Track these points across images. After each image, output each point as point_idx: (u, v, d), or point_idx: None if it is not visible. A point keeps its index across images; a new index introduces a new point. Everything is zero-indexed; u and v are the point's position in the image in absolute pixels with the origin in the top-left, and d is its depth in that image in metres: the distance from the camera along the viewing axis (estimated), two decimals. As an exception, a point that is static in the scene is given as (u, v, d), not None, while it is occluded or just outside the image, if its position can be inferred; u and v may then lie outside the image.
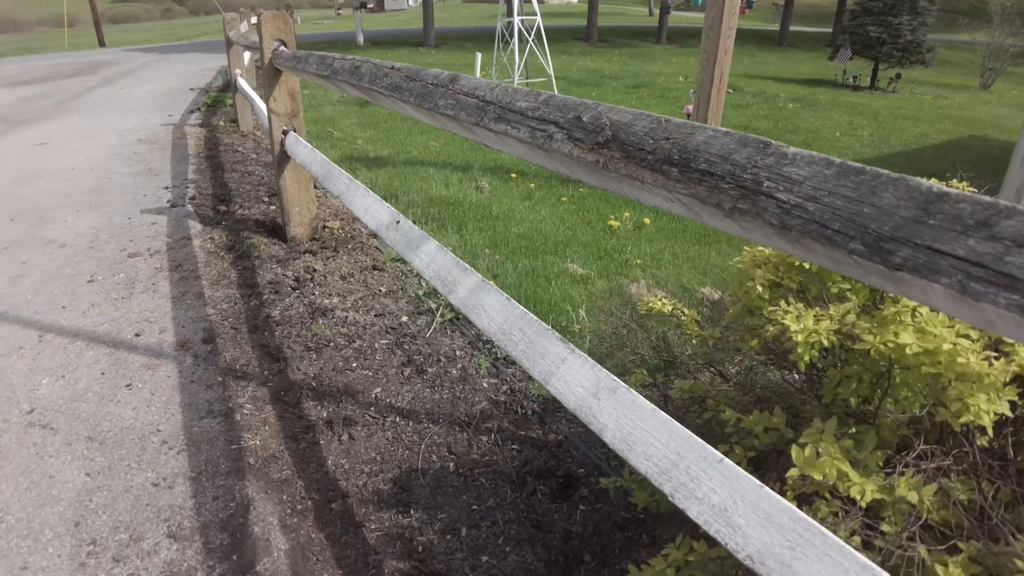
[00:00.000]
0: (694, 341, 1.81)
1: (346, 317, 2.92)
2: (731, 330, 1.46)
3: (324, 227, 4.04)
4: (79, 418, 2.22)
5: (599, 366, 1.23)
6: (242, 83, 6.76)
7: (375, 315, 2.97)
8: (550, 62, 8.26)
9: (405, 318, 2.96)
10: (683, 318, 1.83)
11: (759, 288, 1.31)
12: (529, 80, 8.53)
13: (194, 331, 2.78)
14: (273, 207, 4.49)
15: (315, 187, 4.04)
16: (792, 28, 25.24)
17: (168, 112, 8.30)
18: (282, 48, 3.53)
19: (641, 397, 1.14)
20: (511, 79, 8.29)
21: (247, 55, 7.90)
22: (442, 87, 1.57)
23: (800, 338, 1.16)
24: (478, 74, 11.78)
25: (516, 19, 7.81)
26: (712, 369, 1.74)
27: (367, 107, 8.37)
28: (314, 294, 3.14)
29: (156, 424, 2.19)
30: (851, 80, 14.83)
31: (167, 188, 4.87)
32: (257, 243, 3.73)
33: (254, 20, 12.41)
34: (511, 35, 8.24)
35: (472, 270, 1.65)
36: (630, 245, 3.94)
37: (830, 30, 26.22)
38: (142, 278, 3.30)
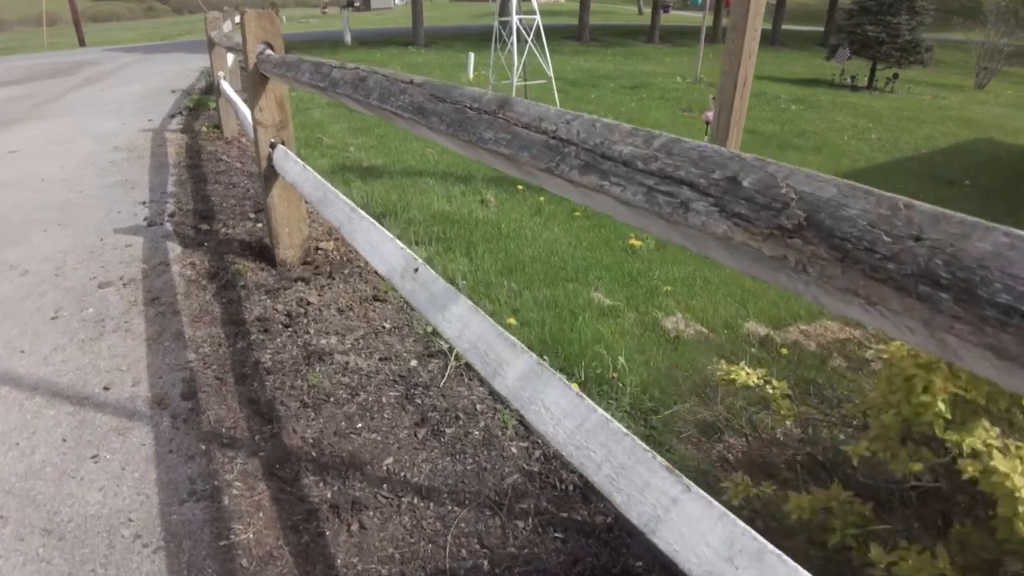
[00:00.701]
0: (788, 423, 1.48)
1: (347, 363, 2.56)
2: (877, 441, 1.12)
3: (317, 248, 3.67)
4: (34, 503, 1.85)
5: (728, 514, 0.88)
6: (226, 87, 6.36)
7: (380, 359, 2.61)
8: (550, 63, 7.91)
9: (414, 362, 2.60)
10: (772, 392, 1.48)
11: (940, 405, 0.96)
12: (528, 82, 8.18)
13: (172, 382, 2.41)
14: (260, 225, 4.11)
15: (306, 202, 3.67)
16: (782, 27, 25.06)
17: (148, 116, 7.87)
18: (268, 52, 3.16)
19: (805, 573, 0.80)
20: (509, 81, 7.94)
21: (231, 57, 7.49)
22: (487, 114, 1.21)
23: (1019, 485, 0.82)
24: (471, 75, 11.42)
25: (514, 18, 7.45)
26: (821, 462, 1.40)
27: (358, 111, 7.98)
28: (309, 332, 2.77)
29: (127, 511, 1.82)
30: (849, 80, 14.61)
31: (144, 203, 4.47)
32: (243, 269, 3.35)
33: (238, 19, 11.99)
34: (508, 35, 7.88)
35: (523, 348, 1.30)
36: (656, 268, 3.60)
37: (821, 29, 26.10)
38: (114, 314, 2.91)
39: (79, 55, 17.20)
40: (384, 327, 2.86)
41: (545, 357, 2.64)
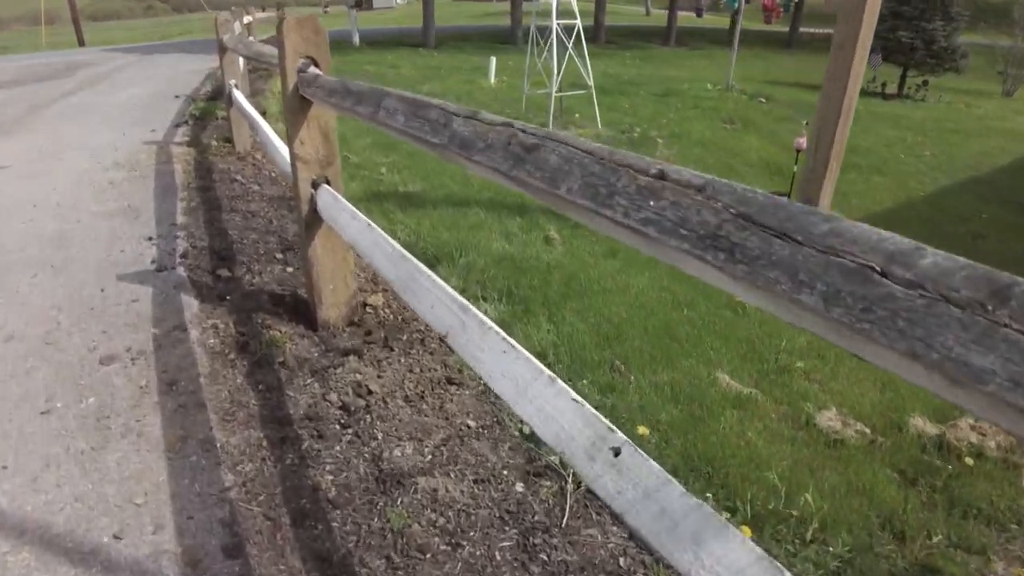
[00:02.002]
0: None
1: (434, 490, 1.93)
2: None
3: (364, 305, 3.04)
4: None
5: None
6: (239, 97, 5.72)
7: (474, 480, 1.99)
8: (590, 72, 7.29)
9: (520, 486, 1.98)
10: None
11: None
12: (565, 92, 7.55)
13: (208, 526, 1.78)
14: (291, 270, 3.48)
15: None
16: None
17: (151, 125, 7.22)
18: (313, 69, 2.54)
19: None
20: (546, 90, 7.32)
21: (242, 62, 6.83)
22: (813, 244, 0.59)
23: None
24: (492, 81, 10.78)
25: (555, 23, 6.83)
26: None
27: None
28: (376, 438, 2.15)
29: None
30: (880, 87, 14.05)
31: (151, 239, 3.83)
32: (279, 337, 2.72)
33: (247, 19, 11.27)
34: (543, 40, 7.27)
35: None
36: (772, 332, 2.99)
37: (815, 29, 25.46)
38: (121, 406, 2.28)
39: (75, 55, 16.49)
40: (468, 427, 2.24)
41: (693, 481, 2.02)
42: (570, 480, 1.97)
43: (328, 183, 2.69)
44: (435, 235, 3.82)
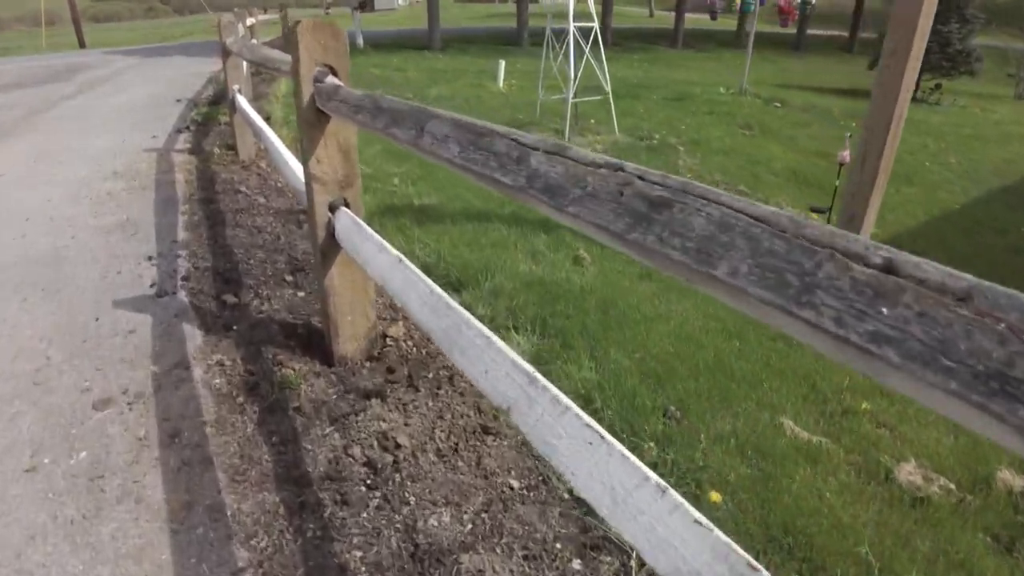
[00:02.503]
0: None
1: (480, 571, 1.67)
2: None
3: (384, 336, 2.78)
4: None
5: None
6: (243, 103, 5.46)
7: (524, 556, 1.73)
8: (608, 77, 7.03)
9: (577, 563, 1.71)
10: None
11: None
12: (581, 99, 7.29)
13: (215, 623, 1.51)
14: (302, 294, 3.22)
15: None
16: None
17: (151, 131, 6.96)
18: (331, 79, 2.27)
19: None
20: (561, 95, 7.06)
21: (245, 66, 6.56)
22: None
23: None
24: (501, 84, 10.52)
25: (571, 26, 6.57)
26: None
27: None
28: (408, 503, 1.88)
29: None
30: (893, 91, 13.78)
31: (151, 259, 3.57)
32: (292, 376, 2.46)
33: (250, 21, 10.98)
34: (559, 43, 7.00)
35: None
36: (833, 367, 2.73)
37: (844, 33, 25.24)
38: (117, 462, 2.02)
39: (75, 58, 16.23)
40: (511, 488, 1.98)
41: (773, 555, 1.76)
42: (634, 558, 1.71)
43: (347, 205, 2.43)
44: (456, 254, 3.55)
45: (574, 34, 6.61)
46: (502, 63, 10.34)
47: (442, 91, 9.97)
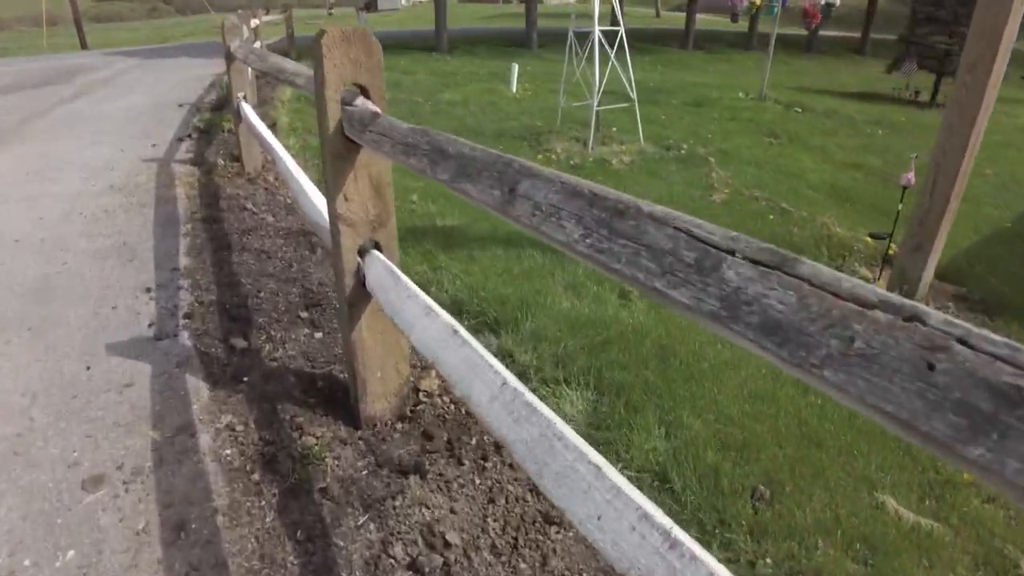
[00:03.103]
0: None
1: None
2: None
3: (417, 391, 2.43)
4: None
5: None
6: (248, 112, 5.09)
7: None
8: (633, 84, 6.67)
9: None
10: None
11: None
12: (606, 107, 6.92)
13: None
14: (320, 335, 2.87)
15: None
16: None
17: (151, 139, 6.61)
18: (364, 102, 1.92)
19: None
20: (585, 102, 6.69)
21: (249, 71, 6.17)
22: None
23: None
24: (515, 89, 10.16)
25: (596, 31, 6.21)
26: None
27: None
28: (464, 628, 1.53)
29: None
30: (914, 95, 13.40)
31: (149, 291, 3.22)
32: (315, 446, 2.10)
33: (254, 23, 10.61)
34: (580, 48, 6.65)
35: None
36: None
37: (855, 34, 24.83)
38: (109, 567, 1.66)
39: (76, 59, 15.86)
40: (587, 604, 1.62)
41: None
42: None
43: (379, 249, 2.08)
44: (489, 288, 3.20)
45: (599, 39, 6.24)
46: (515, 67, 9.97)
47: (454, 96, 9.60)
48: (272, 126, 6.87)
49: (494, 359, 1.37)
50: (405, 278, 1.85)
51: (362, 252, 2.06)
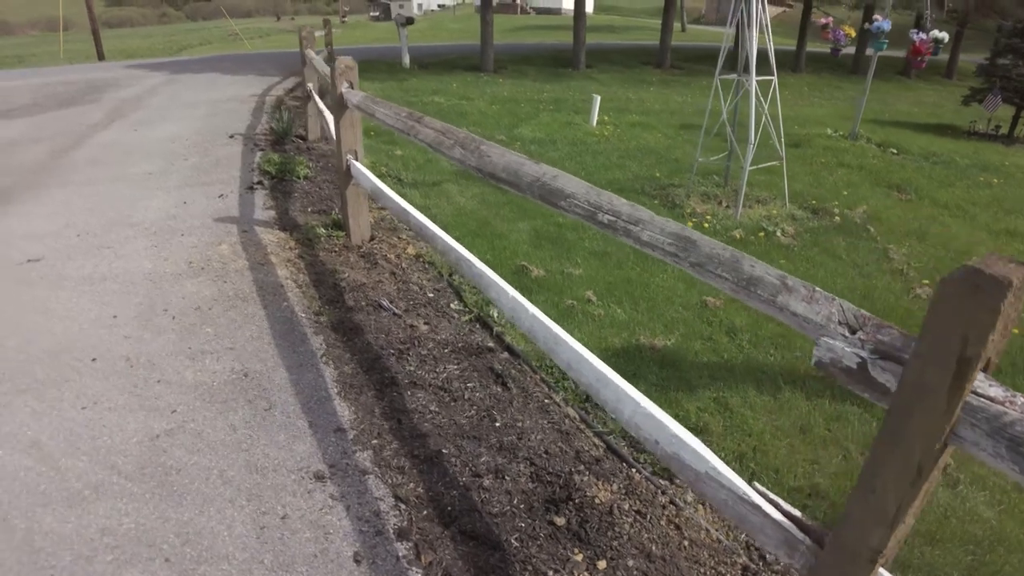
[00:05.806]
0: None
1: None
2: None
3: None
4: None
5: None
6: (365, 174, 4.00)
7: None
8: (783, 141, 5.71)
9: None
10: None
11: None
12: (757, 165, 5.96)
13: None
14: (602, 566, 1.86)
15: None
16: (850, 50, 22.80)
17: (213, 185, 5.58)
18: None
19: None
20: (721, 155, 5.72)
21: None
22: None
23: None
24: (594, 123, 9.19)
25: (752, 80, 5.24)
26: None
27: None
28: None
29: None
30: (994, 130, 12.57)
31: (322, 480, 2.20)
32: None
33: (319, 34, 9.57)
34: (736, 93, 5.68)
35: None
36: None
37: (901, 54, 23.80)
38: None
39: (97, 72, 14.79)
40: None
41: None
42: None
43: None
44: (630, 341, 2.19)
45: (755, 92, 5.28)
46: (597, 99, 9.00)
47: (535, 132, 8.60)
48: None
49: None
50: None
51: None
